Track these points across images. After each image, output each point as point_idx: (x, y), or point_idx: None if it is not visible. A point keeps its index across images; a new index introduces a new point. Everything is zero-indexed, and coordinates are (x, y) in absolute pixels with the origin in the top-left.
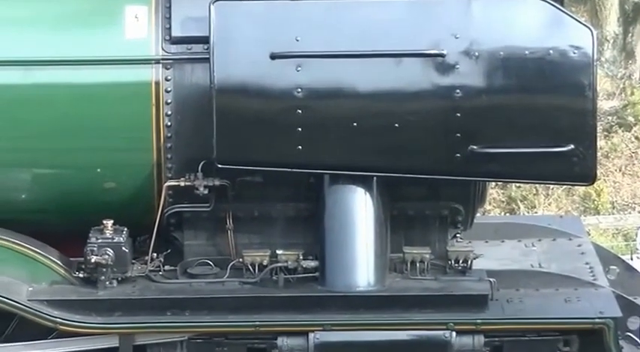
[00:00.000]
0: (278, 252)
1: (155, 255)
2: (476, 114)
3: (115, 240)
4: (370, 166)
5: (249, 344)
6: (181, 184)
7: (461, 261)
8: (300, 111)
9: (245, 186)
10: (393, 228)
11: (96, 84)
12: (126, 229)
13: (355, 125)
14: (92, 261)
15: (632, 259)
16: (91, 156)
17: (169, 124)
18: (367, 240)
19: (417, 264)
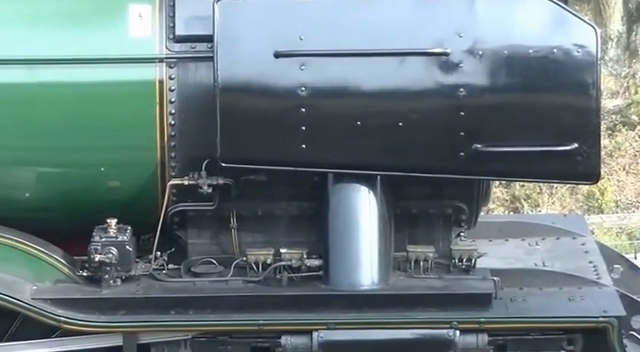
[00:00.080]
0: (282, 250)
1: (159, 253)
2: (480, 112)
3: (119, 239)
4: (374, 165)
5: (253, 342)
6: (185, 183)
7: (465, 260)
8: (304, 110)
9: (249, 184)
10: (396, 227)
11: (100, 82)
12: (130, 228)
13: (359, 124)
14: (96, 259)
15: (635, 258)
16: (95, 154)
17: (173, 123)
18: (371, 239)
19: (421, 263)
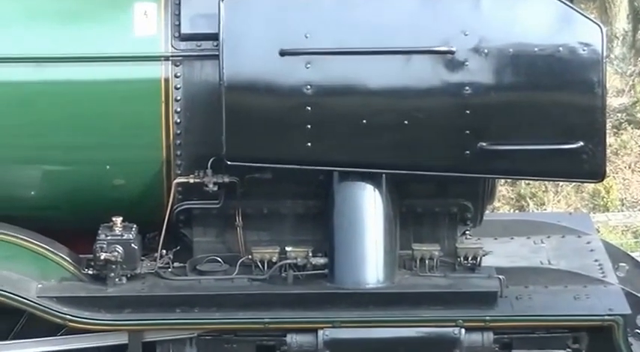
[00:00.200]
0: (287, 248)
1: (164, 251)
2: (485, 111)
3: (125, 237)
4: (379, 163)
5: (259, 341)
6: (191, 181)
7: (470, 258)
8: (309, 108)
9: (254, 182)
10: (402, 225)
11: (105, 81)
12: (135, 226)
13: (364, 122)
14: (101, 257)
15: None
16: (100, 152)
17: (179, 121)
18: (376, 237)
19: (426, 261)
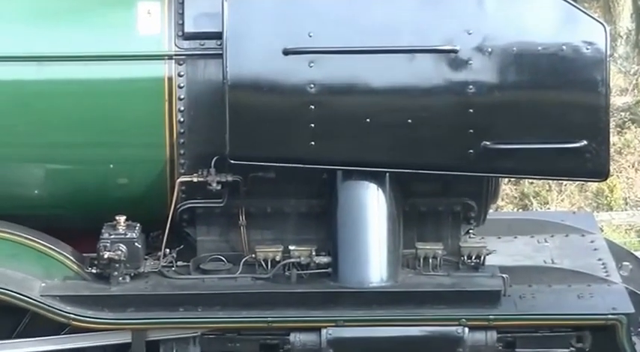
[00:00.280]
0: (290, 247)
1: (168, 250)
2: (489, 110)
3: (128, 236)
4: (383, 162)
5: (262, 339)
6: (194, 180)
7: (473, 257)
8: (312, 107)
9: (258, 181)
10: (405, 224)
11: (108, 80)
12: (139, 225)
13: (368, 121)
14: (105, 256)
15: None
16: (104, 151)
17: (182, 120)
18: (380, 236)
19: (430, 260)
